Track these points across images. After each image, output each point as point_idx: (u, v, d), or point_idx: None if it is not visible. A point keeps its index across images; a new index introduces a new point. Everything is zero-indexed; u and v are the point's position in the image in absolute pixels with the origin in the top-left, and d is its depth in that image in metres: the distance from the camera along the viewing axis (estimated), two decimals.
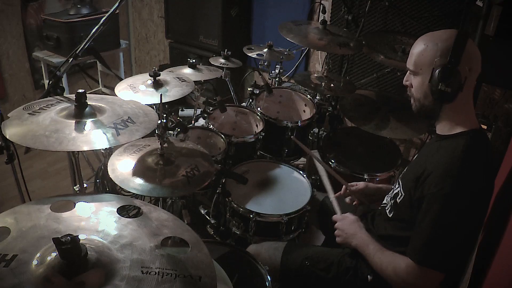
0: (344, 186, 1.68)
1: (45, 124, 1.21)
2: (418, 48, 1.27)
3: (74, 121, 1.24)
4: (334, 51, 2.52)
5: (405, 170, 1.45)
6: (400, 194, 1.34)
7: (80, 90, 1.27)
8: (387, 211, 1.39)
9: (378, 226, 1.45)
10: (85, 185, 1.85)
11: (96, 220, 0.93)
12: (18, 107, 1.32)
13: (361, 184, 1.67)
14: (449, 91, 1.20)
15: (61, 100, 1.37)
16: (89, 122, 1.25)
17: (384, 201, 1.46)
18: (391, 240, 1.34)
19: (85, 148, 1.17)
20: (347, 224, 1.47)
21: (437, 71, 1.21)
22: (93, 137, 1.21)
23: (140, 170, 1.39)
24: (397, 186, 1.39)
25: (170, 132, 1.86)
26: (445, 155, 1.22)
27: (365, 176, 2.02)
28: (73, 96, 1.30)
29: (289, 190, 1.89)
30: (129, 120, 1.31)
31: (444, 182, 1.16)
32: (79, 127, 1.22)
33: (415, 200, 1.25)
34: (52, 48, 3.12)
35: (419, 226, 1.22)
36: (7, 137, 1.16)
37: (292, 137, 2.13)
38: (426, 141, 1.87)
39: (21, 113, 1.27)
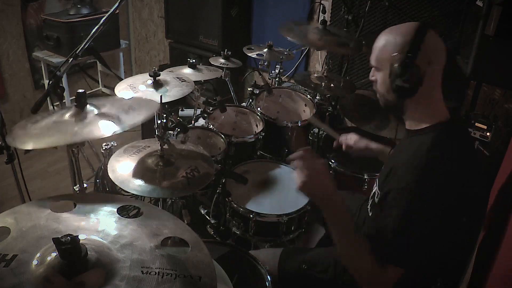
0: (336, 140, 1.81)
1: (48, 125, 1.21)
2: (379, 43, 1.26)
3: (76, 118, 1.24)
4: (334, 50, 2.51)
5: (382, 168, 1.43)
6: (376, 193, 1.32)
7: (80, 90, 1.27)
8: (369, 210, 1.39)
9: (366, 226, 1.43)
10: (85, 185, 1.85)
11: (96, 220, 0.93)
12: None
13: (350, 140, 1.77)
14: (407, 87, 1.19)
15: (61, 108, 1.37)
16: (91, 115, 1.26)
17: (369, 200, 1.45)
18: None
19: (91, 137, 1.18)
20: (317, 169, 1.22)
21: (395, 66, 1.19)
22: (97, 126, 1.21)
23: (140, 171, 1.39)
24: (375, 185, 1.38)
25: (170, 132, 1.86)
26: (412, 150, 1.19)
27: (365, 176, 2.02)
28: (72, 105, 1.30)
29: (289, 190, 1.89)
30: (130, 109, 1.32)
31: (408, 178, 1.13)
32: (82, 118, 1.23)
33: (383, 196, 1.21)
34: (52, 48, 3.12)
35: (382, 221, 1.17)
36: (17, 147, 1.17)
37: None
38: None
39: (23, 124, 1.27)
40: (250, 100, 2.43)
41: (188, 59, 2.27)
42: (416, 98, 1.22)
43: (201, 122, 2.30)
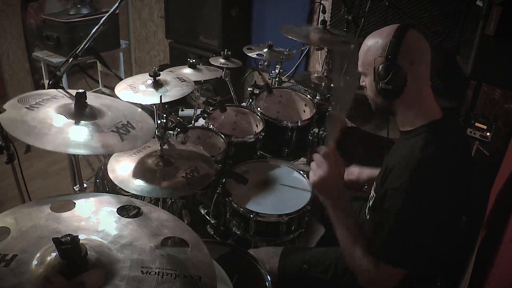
0: None
1: (47, 123, 1.18)
2: (364, 48, 1.26)
3: (76, 123, 1.22)
4: (335, 48, 2.50)
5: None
6: (373, 195, 1.33)
7: (80, 90, 1.26)
8: (367, 213, 1.39)
9: (365, 228, 1.44)
10: (85, 185, 1.85)
11: (96, 220, 0.93)
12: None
13: (352, 175, 1.70)
14: (390, 88, 1.19)
15: (59, 94, 1.34)
16: (89, 128, 1.21)
17: (367, 204, 1.45)
18: None
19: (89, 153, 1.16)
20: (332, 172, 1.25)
21: (377, 69, 1.20)
22: (95, 144, 1.17)
23: (140, 171, 1.39)
24: (372, 188, 1.38)
25: (170, 132, 1.86)
26: (405, 151, 1.20)
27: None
28: (72, 92, 1.28)
29: (289, 190, 1.89)
30: (129, 125, 1.28)
31: (402, 178, 1.13)
32: (80, 130, 1.20)
33: (380, 198, 1.23)
34: (52, 48, 3.12)
35: (379, 221, 1.19)
36: (4, 127, 1.13)
37: None
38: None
39: (17, 106, 1.23)
40: (250, 100, 2.43)
41: (188, 59, 2.27)
42: (404, 98, 1.22)
43: (201, 122, 2.30)
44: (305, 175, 1.96)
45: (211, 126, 2.10)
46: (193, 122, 2.31)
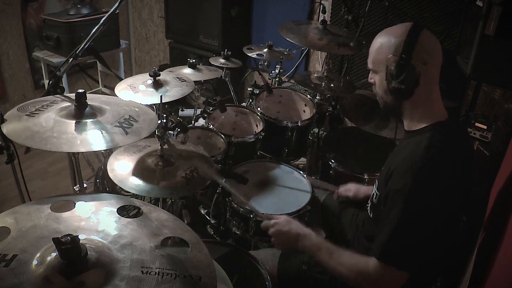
0: (335, 192, 1.79)
1: (48, 126, 1.20)
2: (375, 45, 1.26)
3: (76, 125, 1.23)
4: (334, 51, 2.51)
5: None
6: (375, 194, 1.32)
7: (80, 90, 1.27)
8: (369, 211, 1.39)
9: (366, 227, 1.44)
10: (85, 185, 1.85)
11: (96, 220, 0.93)
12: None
13: (351, 192, 1.73)
14: (403, 88, 1.19)
15: (58, 99, 1.36)
16: (91, 125, 1.24)
17: (368, 202, 1.46)
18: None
19: (91, 149, 1.18)
20: (283, 225, 1.40)
21: (390, 68, 1.19)
22: (98, 139, 1.20)
23: (139, 171, 1.39)
24: (374, 186, 1.38)
25: (170, 132, 1.86)
26: (409, 151, 1.19)
27: (365, 176, 2.02)
28: (69, 95, 1.30)
29: (289, 190, 1.89)
30: (131, 119, 1.31)
31: (405, 179, 1.13)
32: (82, 127, 1.22)
33: (383, 198, 1.23)
34: (52, 48, 3.12)
35: (382, 223, 1.19)
36: (8, 136, 1.15)
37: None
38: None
39: (18, 114, 1.26)
40: (250, 100, 2.43)
41: (188, 59, 2.27)
42: (414, 99, 1.21)
43: (201, 122, 2.30)
44: (305, 175, 1.97)
45: (211, 126, 2.10)
46: (193, 122, 2.31)
